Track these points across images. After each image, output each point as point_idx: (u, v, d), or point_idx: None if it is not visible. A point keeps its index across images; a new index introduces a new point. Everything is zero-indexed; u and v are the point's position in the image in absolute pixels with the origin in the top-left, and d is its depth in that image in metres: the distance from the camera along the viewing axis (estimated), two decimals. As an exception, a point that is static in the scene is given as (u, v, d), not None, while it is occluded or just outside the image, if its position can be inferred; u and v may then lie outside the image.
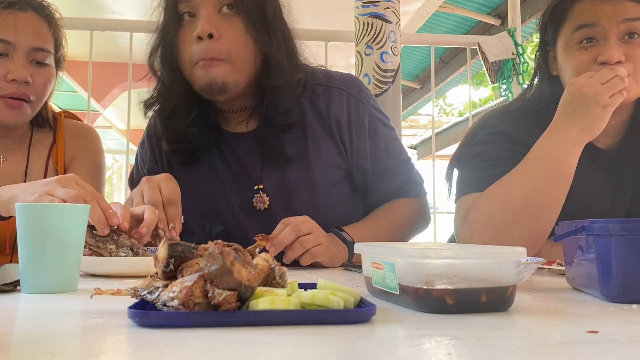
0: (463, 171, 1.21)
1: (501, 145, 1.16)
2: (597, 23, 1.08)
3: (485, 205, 1.07)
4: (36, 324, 0.54)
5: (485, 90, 10.66)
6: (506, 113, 1.24)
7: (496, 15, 4.49)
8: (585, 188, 1.15)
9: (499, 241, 1.00)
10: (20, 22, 1.22)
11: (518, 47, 2.56)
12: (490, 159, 1.15)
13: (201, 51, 1.05)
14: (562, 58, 1.15)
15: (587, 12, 1.10)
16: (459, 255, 0.58)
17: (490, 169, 1.13)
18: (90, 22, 2.45)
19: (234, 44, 1.07)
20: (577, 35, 1.11)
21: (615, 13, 1.07)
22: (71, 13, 5.02)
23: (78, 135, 1.40)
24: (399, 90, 2.23)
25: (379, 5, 2.19)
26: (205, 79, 1.07)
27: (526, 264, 0.74)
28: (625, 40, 1.08)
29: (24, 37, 1.22)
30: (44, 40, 1.25)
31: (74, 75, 5.87)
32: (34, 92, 1.24)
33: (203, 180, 1.23)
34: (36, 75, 1.24)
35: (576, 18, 1.11)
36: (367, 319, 0.52)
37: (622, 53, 1.06)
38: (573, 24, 1.11)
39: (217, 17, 1.06)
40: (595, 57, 1.08)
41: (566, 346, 0.44)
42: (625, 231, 0.64)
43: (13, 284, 0.74)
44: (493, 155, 1.15)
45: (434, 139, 2.96)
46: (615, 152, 1.18)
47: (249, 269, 0.51)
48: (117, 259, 0.95)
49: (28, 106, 1.25)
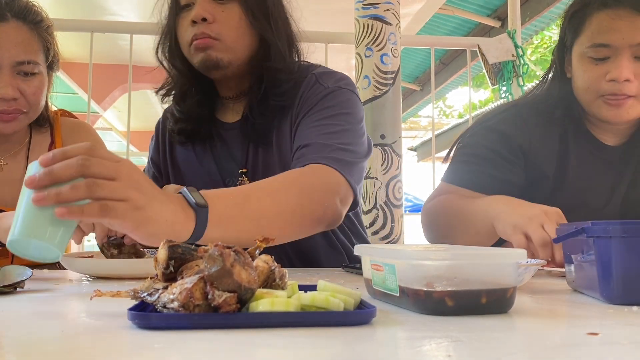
0: (453, 156, 1.28)
1: (489, 144, 1.21)
2: (612, 44, 1.10)
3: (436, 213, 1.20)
4: (36, 325, 0.54)
5: (485, 92, 10.67)
6: (510, 109, 1.27)
7: (496, 17, 4.49)
8: (583, 183, 1.20)
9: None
10: (1, 36, 1.15)
11: (518, 49, 2.57)
12: (472, 154, 1.23)
13: (196, 33, 1.12)
14: (576, 66, 1.17)
15: (603, 30, 1.11)
16: (459, 257, 0.58)
17: (467, 165, 1.22)
18: (91, 24, 2.46)
19: (225, 26, 1.13)
20: (592, 50, 1.12)
21: (631, 33, 1.09)
22: (71, 15, 5.04)
23: (74, 131, 1.39)
24: (399, 92, 2.23)
25: (379, 7, 2.20)
26: (200, 55, 1.13)
27: (526, 266, 0.74)
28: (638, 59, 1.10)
29: (6, 53, 1.16)
30: (30, 51, 1.19)
31: (74, 77, 5.88)
32: (26, 104, 1.20)
33: (196, 168, 1.26)
34: (25, 87, 1.19)
35: (593, 34, 1.12)
36: (367, 320, 0.52)
37: (632, 72, 1.09)
38: (589, 39, 1.13)
39: (213, 3, 1.13)
40: (606, 73, 1.11)
41: (566, 348, 0.44)
42: (625, 233, 0.64)
43: (13, 285, 0.74)
44: (476, 152, 1.22)
45: (434, 141, 2.96)
46: (621, 148, 1.22)
47: (249, 271, 0.51)
48: (117, 261, 0.96)
49: (24, 116, 1.22)
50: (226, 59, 1.13)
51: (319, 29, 2.52)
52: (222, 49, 1.12)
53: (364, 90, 2.19)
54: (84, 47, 2.31)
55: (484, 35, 4.43)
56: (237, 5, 1.13)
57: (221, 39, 1.12)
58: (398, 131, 2.23)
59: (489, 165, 1.18)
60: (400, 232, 2.23)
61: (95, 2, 4.47)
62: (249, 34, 1.15)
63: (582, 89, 1.16)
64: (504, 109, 1.29)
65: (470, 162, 1.22)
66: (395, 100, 2.20)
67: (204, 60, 1.13)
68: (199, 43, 1.12)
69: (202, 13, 1.10)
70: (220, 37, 1.12)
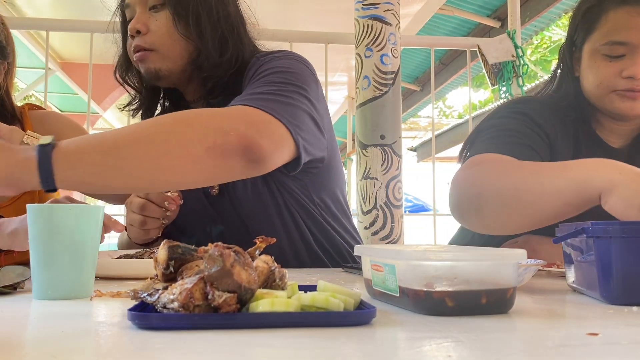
0: (479, 140, 1.12)
1: (523, 123, 1.12)
2: (630, 42, 1.08)
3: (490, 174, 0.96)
4: (35, 326, 0.54)
5: (485, 93, 10.67)
6: (531, 101, 1.22)
7: (496, 18, 4.49)
8: None
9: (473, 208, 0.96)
10: None
11: (518, 50, 2.56)
12: (510, 129, 1.10)
13: (134, 46, 1.15)
14: (587, 64, 1.14)
15: (621, 27, 1.08)
16: (459, 258, 0.58)
17: (508, 138, 1.07)
18: (91, 24, 2.45)
19: (159, 37, 1.13)
20: (607, 48, 1.10)
21: None
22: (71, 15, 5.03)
23: (44, 122, 1.36)
24: (398, 92, 2.23)
25: (379, 8, 2.19)
26: (142, 68, 1.16)
27: (526, 266, 0.74)
28: None
29: None
30: None
31: (74, 77, 5.88)
32: None
33: None
34: None
35: (609, 31, 1.10)
36: (367, 321, 0.52)
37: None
38: (605, 36, 1.10)
39: (147, 14, 1.15)
40: (621, 70, 1.09)
41: (566, 348, 0.44)
42: (625, 233, 0.64)
43: (13, 285, 0.74)
44: (512, 127, 1.10)
45: (434, 141, 2.96)
46: (625, 151, 1.21)
47: (249, 271, 0.51)
48: (117, 261, 0.96)
49: None
50: (165, 67, 1.14)
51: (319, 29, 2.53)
52: (158, 59, 1.14)
53: (364, 90, 2.19)
54: (84, 47, 2.31)
55: (484, 36, 4.43)
56: (165, 15, 1.13)
57: (155, 49, 1.13)
58: (398, 131, 2.22)
59: (528, 138, 1.08)
60: (400, 233, 2.23)
61: (95, 2, 4.46)
62: (180, 42, 1.14)
63: (593, 85, 1.12)
64: (527, 99, 1.23)
65: (507, 135, 1.09)
66: (395, 101, 2.20)
67: (145, 72, 1.15)
68: (137, 56, 1.14)
69: (136, 25, 1.13)
70: (154, 47, 1.13)
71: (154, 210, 1.11)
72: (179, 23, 1.13)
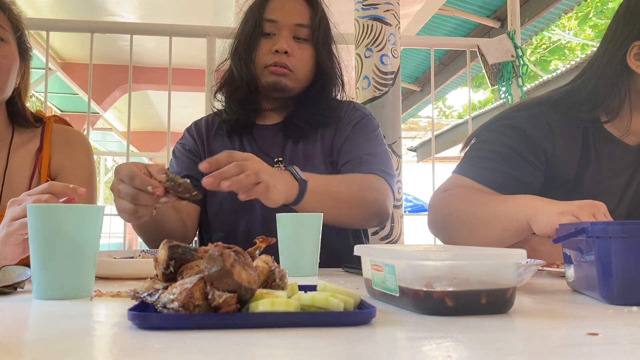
0: (469, 150, 1.24)
1: (510, 142, 1.16)
2: None
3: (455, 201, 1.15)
4: (36, 326, 0.54)
5: (485, 93, 10.68)
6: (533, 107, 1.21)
7: (496, 18, 4.49)
8: (598, 186, 1.17)
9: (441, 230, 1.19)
10: None
11: (517, 50, 2.57)
12: (492, 150, 1.17)
13: (279, 62, 1.37)
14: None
15: None
16: (459, 258, 0.58)
17: (487, 162, 1.17)
18: (91, 24, 2.46)
19: (299, 62, 1.39)
20: None
21: None
22: (71, 15, 5.04)
23: (67, 143, 1.35)
24: (398, 92, 2.23)
25: (379, 8, 2.20)
26: (273, 78, 1.39)
27: (526, 266, 0.74)
28: None
29: None
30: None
31: (74, 78, 5.89)
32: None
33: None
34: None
35: None
36: (367, 321, 0.52)
37: None
38: None
39: (292, 41, 1.40)
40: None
41: (566, 348, 0.44)
42: (625, 233, 0.64)
43: (13, 285, 0.74)
44: (495, 149, 1.17)
45: (434, 141, 2.96)
46: (637, 149, 1.20)
47: (249, 271, 0.51)
48: (117, 261, 0.96)
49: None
50: (292, 86, 1.40)
51: (318, 29, 2.52)
52: (293, 79, 1.39)
53: (364, 90, 2.19)
54: (84, 47, 2.32)
55: (484, 36, 4.44)
56: (310, 46, 1.41)
57: (294, 71, 1.39)
58: (398, 131, 2.23)
59: (509, 164, 1.14)
60: (400, 233, 2.23)
61: (95, 2, 4.47)
62: (313, 70, 1.43)
63: None
64: (527, 106, 1.23)
65: (490, 159, 1.16)
66: (395, 101, 2.20)
67: (274, 83, 1.38)
68: (276, 70, 1.37)
69: (286, 47, 1.36)
70: (295, 69, 1.39)
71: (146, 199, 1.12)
72: (317, 53, 1.42)
